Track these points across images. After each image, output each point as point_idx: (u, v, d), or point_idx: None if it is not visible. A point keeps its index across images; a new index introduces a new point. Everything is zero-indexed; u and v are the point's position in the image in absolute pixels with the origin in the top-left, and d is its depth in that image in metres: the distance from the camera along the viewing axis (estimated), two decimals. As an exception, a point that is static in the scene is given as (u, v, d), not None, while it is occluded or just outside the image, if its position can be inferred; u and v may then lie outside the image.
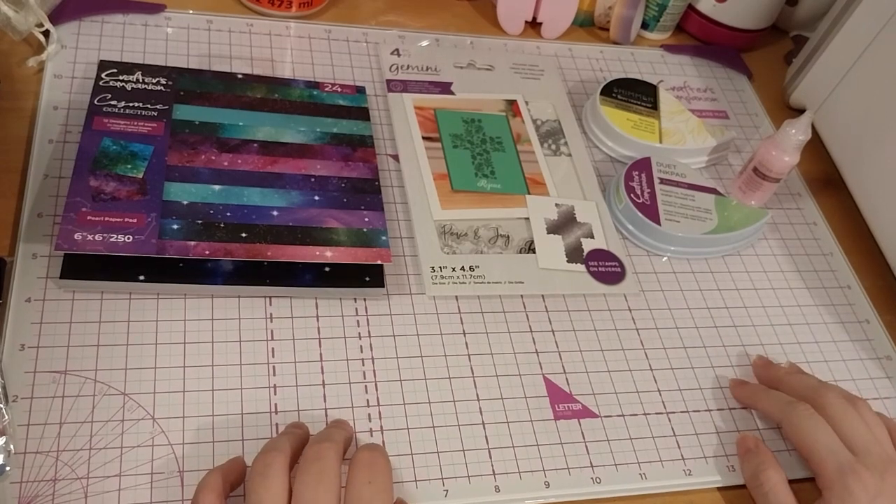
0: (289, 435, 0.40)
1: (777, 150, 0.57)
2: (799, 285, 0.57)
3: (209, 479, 0.37)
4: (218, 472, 0.38)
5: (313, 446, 0.38)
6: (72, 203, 0.45)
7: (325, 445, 0.38)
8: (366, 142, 0.54)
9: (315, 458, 0.37)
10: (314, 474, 0.37)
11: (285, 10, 0.63)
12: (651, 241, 0.56)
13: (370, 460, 0.38)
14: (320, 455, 0.37)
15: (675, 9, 0.70)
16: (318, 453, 0.37)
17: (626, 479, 0.45)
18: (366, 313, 0.48)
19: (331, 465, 0.37)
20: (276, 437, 0.41)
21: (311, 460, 0.37)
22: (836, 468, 0.42)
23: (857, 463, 0.42)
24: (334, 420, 0.43)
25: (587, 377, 0.49)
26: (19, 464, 0.39)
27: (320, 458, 0.37)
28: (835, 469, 0.42)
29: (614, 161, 0.61)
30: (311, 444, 0.39)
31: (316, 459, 0.37)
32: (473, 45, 0.66)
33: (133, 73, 0.53)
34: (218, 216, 0.47)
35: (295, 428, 0.41)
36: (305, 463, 0.37)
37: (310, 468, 0.37)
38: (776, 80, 0.72)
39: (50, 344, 0.43)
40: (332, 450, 0.38)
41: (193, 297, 0.46)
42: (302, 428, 0.42)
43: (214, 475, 0.37)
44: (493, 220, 0.54)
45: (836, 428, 0.44)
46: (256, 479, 0.36)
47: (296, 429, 0.41)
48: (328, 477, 0.37)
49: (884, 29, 0.59)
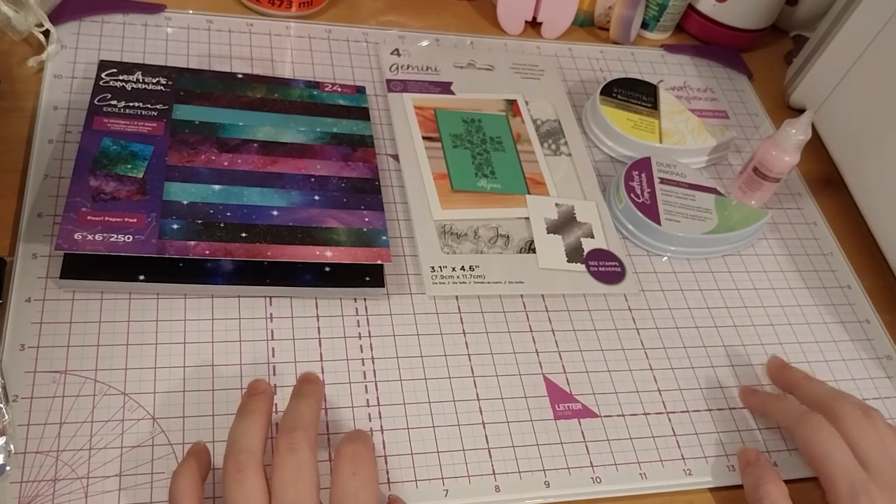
0: (255, 422, 0.38)
1: (777, 149, 0.57)
2: (799, 285, 0.57)
3: (185, 484, 0.36)
4: (189, 475, 0.37)
5: (285, 437, 0.37)
6: (72, 203, 0.45)
7: (297, 436, 0.37)
8: (366, 142, 0.54)
9: (289, 450, 0.36)
10: (291, 470, 0.36)
11: (285, 10, 0.63)
12: (651, 241, 0.56)
13: (353, 452, 0.38)
14: (294, 447, 0.36)
15: (675, 9, 0.70)
16: (292, 445, 0.36)
17: (627, 478, 0.45)
18: (366, 313, 0.48)
19: (306, 458, 0.36)
20: (244, 425, 0.38)
21: (286, 453, 0.36)
22: (848, 487, 0.41)
23: (870, 482, 0.41)
24: (303, 376, 0.43)
25: (587, 377, 0.49)
26: (19, 464, 0.39)
27: (294, 450, 0.36)
28: (846, 487, 0.41)
29: (614, 161, 0.61)
30: (282, 433, 0.37)
31: (290, 452, 0.36)
32: (473, 45, 0.66)
33: (133, 73, 0.53)
34: (218, 216, 0.47)
35: (258, 402, 0.39)
36: (280, 457, 0.36)
37: (285, 462, 0.36)
38: (776, 80, 0.72)
39: (50, 344, 0.43)
40: (305, 440, 0.37)
41: (193, 297, 0.46)
42: (264, 398, 0.40)
43: (188, 479, 0.36)
44: (493, 220, 0.54)
45: (850, 442, 0.43)
46: (232, 486, 0.35)
47: (259, 403, 0.39)
48: (306, 473, 0.36)
49: (884, 29, 0.59)
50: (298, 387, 0.41)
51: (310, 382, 0.42)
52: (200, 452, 0.39)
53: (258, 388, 0.41)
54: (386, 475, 0.42)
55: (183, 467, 0.37)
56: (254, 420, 0.38)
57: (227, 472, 0.36)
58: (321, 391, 0.42)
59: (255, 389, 0.41)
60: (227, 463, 0.36)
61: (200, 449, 0.39)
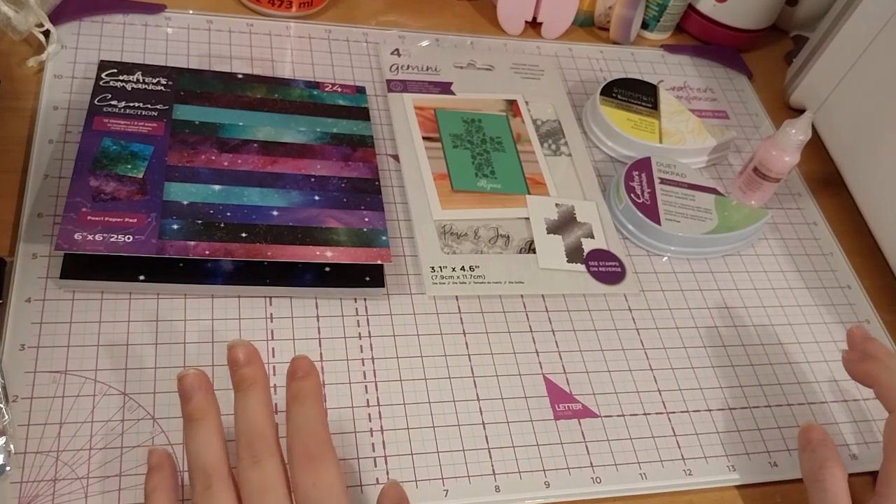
0: (208, 431, 0.35)
1: (777, 149, 0.57)
2: (799, 285, 0.57)
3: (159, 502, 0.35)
4: (161, 491, 0.35)
5: (253, 473, 0.34)
6: (72, 203, 0.45)
7: (257, 446, 0.35)
8: (366, 142, 0.54)
9: (252, 463, 0.34)
10: (258, 482, 0.34)
11: (285, 11, 0.63)
12: (651, 241, 0.56)
13: (305, 451, 0.35)
14: (256, 458, 0.34)
15: (675, 9, 0.71)
16: (254, 457, 0.34)
17: (627, 478, 0.45)
18: (366, 313, 0.48)
19: (271, 468, 0.34)
20: (199, 436, 0.35)
21: (249, 467, 0.34)
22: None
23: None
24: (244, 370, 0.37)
25: (587, 377, 0.49)
26: (19, 464, 0.39)
27: (257, 462, 0.34)
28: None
29: (614, 161, 0.61)
30: (241, 445, 0.35)
31: (253, 465, 0.34)
32: (473, 45, 0.66)
33: (133, 73, 0.53)
34: (218, 216, 0.47)
35: (202, 402, 0.36)
36: (244, 473, 0.34)
37: (251, 476, 0.34)
38: (776, 80, 0.72)
39: (50, 344, 0.43)
40: (265, 448, 0.35)
41: (193, 297, 0.46)
42: (202, 395, 0.36)
43: (161, 497, 0.35)
44: (493, 220, 0.54)
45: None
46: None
47: (203, 403, 0.36)
48: (273, 483, 0.34)
49: (884, 29, 0.59)
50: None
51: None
52: (161, 464, 0.37)
53: (191, 386, 0.36)
54: (386, 475, 0.42)
55: (151, 486, 0.36)
56: (206, 428, 0.36)
57: (195, 490, 0.34)
58: (265, 378, 0.37)
59: (189, 391, 0.36)
60: (194, 480, 0.35)
61: (160, 459, 0.37)
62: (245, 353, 0.37)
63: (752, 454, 0.48)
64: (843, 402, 0.52)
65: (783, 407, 0.50)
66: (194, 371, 0.37)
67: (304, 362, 0.37)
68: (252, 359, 0.37)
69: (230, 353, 0.37)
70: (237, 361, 0.37)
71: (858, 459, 0.49)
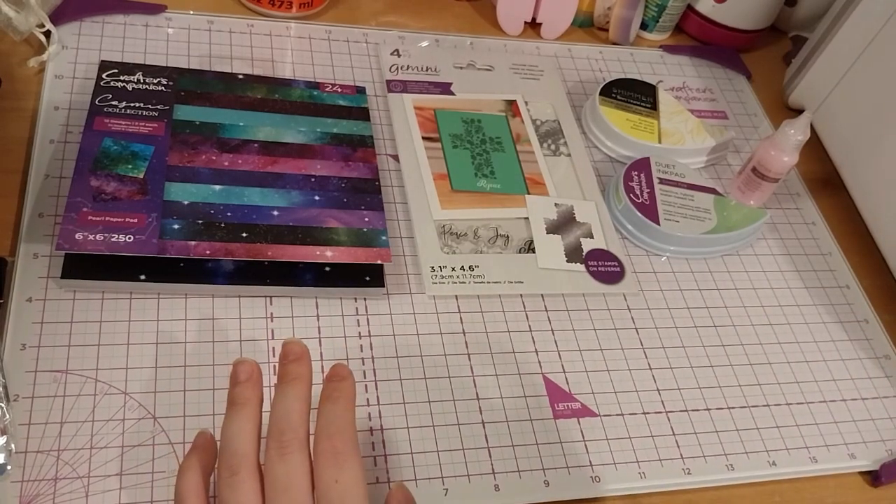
0: (246, 419, 0.36)
1: (776, 150, 0.57)
2: (798, 285, 0.58)
3: (191, 481, 0.35)
4: (195, 473, 0.36)
5: (275, 440, 0.35)
6: (73, 203, 0.45)
7: (286, 439, 0.35)
8: (366, 142, 0.55)
9: (279, 456, 0.35)
10: (282, 476, 0.34)
11: (286, 11, 0.63)
12: (650, 241, 0.56)
13: (332, 448, 0.35)
14: (284, 451, 0.35)
15: (674, 9, 0.71)
16: (282, 450, 0.35)
17: (626, 478, 0.45)
18: (366, 313, 0.48)
19: (297, 462, 0.35)
20: (236, 423, 0.36)
21: (276, 460, 0.35)
22: None
23: None
24: (330, 372, 0.38)
25: (586, 376, 0.49)
26: (20, 463, 0.39)
27: (284, 455, 0.35)
28: None
29: (614, 161, 0.61)
30: (272, 436, 0.35)
31: (280, 459, 0.35)
32: (473, 46, 0.66)
33: (134, 73, 0.53)
34: (218, 216, 0.47)
35: (247, 391, 0.37)
36: (271, 464, 0.35)
37: (276, 469, 0.35)
38: (775, 80, 0.72)
39: (51, 343, 0.43)
40: (295, 441, 0.35)
41: (194, 296, 0.46)
42: (251, 385, 0.37)
43: (194, 476, 0.36)
44: (492, 220, 0.54)
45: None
46: (226, 490, 0.34)
47: (247, 391, 0.37)
48: (297, 479, 0.34)
49: (883, 29, 0.59)
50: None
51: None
52: (205, 446, 0.38)
53: (244, 372, 0.38)
54: (386, 475, 0.43)
55: (188, 464, 0.36)
56: (245, 415, 0.36)
57: (220, 475, 0.35)
58: (309, 378, 0.39)
59: (240, 375, 0.38)
60: (221, 465, 0.35)
61: (205, 442, 0.38)
62: (298, 350, 0.39)
63: (751, 453, 0.48)
64: (841, 402, 0.52)
65: (782, 406, 0.51)
66: (252, 361, 0.38)
67: (342, 369, 0.39)
68: (303, 357, 0.38)
69: (285, 347, 0.39)
70: (288, 356, 0.38)
71: (857, 459, 0.49)
